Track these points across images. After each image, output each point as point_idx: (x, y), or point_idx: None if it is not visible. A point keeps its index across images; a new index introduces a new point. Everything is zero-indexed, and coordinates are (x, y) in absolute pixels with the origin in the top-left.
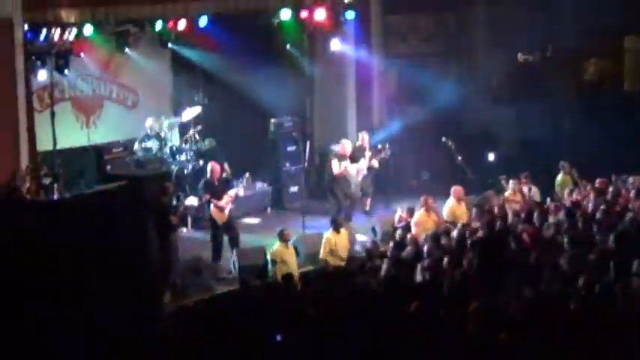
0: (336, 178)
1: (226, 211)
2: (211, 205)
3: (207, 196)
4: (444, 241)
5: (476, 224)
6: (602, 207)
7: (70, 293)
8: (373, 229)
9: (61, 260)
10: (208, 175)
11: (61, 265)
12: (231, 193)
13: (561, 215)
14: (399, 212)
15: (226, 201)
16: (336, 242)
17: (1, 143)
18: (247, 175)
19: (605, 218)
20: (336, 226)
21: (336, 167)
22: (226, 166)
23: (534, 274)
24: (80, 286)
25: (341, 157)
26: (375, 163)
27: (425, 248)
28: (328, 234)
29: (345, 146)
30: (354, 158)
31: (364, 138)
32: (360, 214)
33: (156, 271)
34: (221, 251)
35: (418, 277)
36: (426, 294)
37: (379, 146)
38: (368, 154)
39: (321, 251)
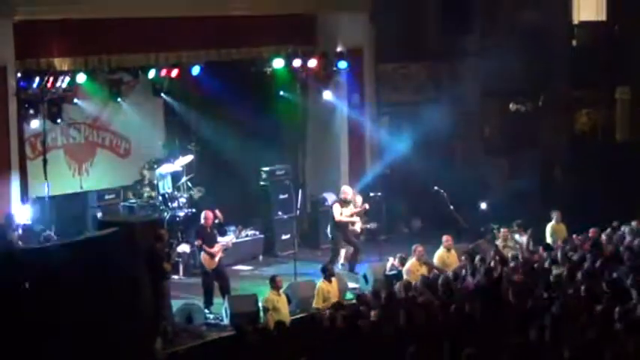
0: (338, 224)
1: (216, 259)
2: (202, 252)
3: (199, 242)
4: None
5: (462, 272)
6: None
7: (60, 338)
8: (364, 277)
9: (52, 306)
10: (202, 221)
11: (51, 310)
12: (223, 242)
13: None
14: (391, 260)
15: (218, 249)
16: (329, 291)
17: None
18: (239, 227)
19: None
20: (328, 275)
21: (338, 213)
22: (218, 212)
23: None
24: (70, 331)
25: (343, 203)
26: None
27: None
28: (320, 283)
29: (347, 192)
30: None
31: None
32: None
33: (147, 317)
34: (212, 297)
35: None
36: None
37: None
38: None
39: (315, 300)
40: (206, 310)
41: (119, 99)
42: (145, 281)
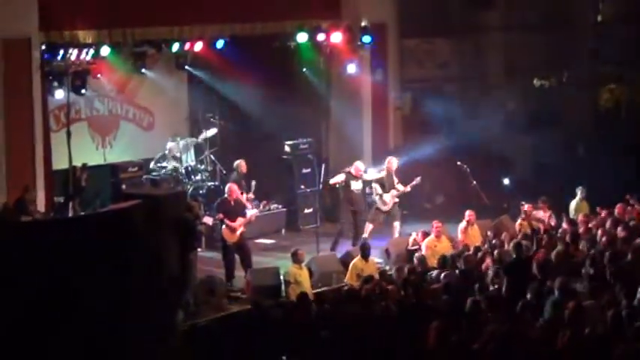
0: (346, 196)
1: (237, 232)
2: (223, 225)
3: (221, 216)
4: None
5: (487, 247)
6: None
7: (85, 310)
8: (387, 251)
9: (75, 277)
10: (226, 194)
11: (75, 281)
12: (247, 215)
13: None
14: (414, 235)
15: (240, 222)
16: (363, 269)
17: (17, 162)
18: (263, 202)
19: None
20: (364, 254)
21: (339, 179)
22: (253, 183)
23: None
24: (94, 303)
25: (352, 177)
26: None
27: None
28: (356, 260)
29: (359, 168)
30: (384, 186)
31: (392, 162)
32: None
33: (172, 289)
34: (233, 270)
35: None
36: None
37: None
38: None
39: (347, 275)
40: (227, 284)
41: (143, 72)
42: (170, 254)
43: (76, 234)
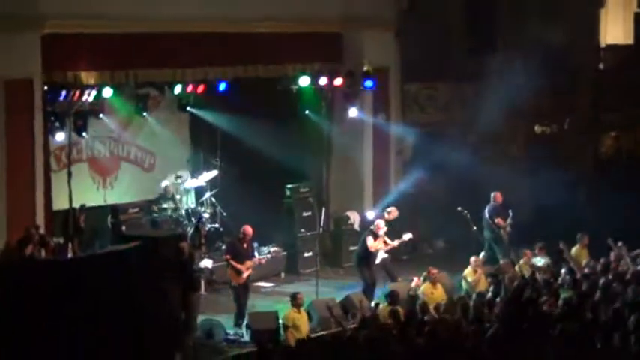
0: (368, 253)
1: (244, 275)
2: (229, 266)
3: (227, 257)
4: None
5: (488, 294)
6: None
7: (84, 350)
8: (386, 296)
9: (76, 318)
10: (240, 235)
11: (74, 322)
12: (255, 260)
13: None
14: (416, 280)
15: (247, 265)
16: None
17: (18, 201)
18: (272, 247)
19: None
20: (392, 301)
21: (372, 243)
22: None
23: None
24: (94, 342)
25: (375, 235)
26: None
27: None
28: (384, 305)
29: (380, 226)
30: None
31: (392, 214)
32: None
33: (172, 330)
34: (244, 312)
35: None
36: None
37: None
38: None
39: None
40: (236, 327)
41: (145, 113)
42: (170, 294)
43: (75, 274)
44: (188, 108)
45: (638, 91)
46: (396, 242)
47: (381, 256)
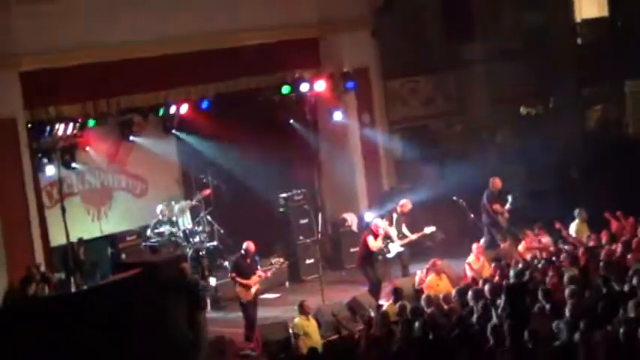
0: (372, 254)
1: (252, 290)
2: (236, 284)
3: (233, 275)
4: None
5: (496, 278)
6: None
7: None
8: (395, 291)
9: (82, 349)
10: (243, 252)
11: (82, 354)
12: (261, 273)
13: None
14: (419, 274)
15: (255, 280)
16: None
17: (15, 241)
18: (278, 259)
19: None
20: (396, 298)
21: (373, 243)
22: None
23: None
24: None
25: (375, 235)
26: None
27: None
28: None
29: (379, 225)
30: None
31: (405, 207)
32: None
33: (181, 352)
34: (255, 328)
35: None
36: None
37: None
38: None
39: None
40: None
41: (131, 139)
42: (177, 316)
43: (80, 307)
44: (173, 131)
45: (618, 62)
46: (414, 236)
47: (396, 250)
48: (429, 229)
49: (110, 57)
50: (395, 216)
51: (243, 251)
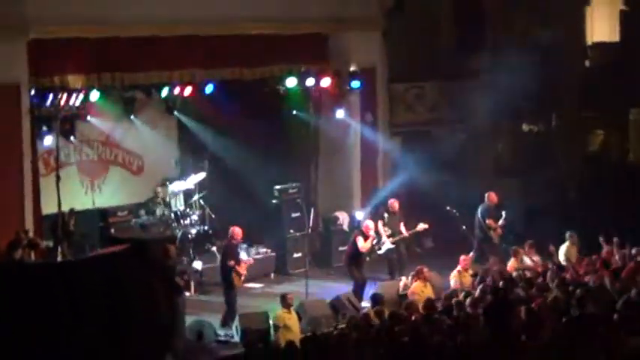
0: (359, 254)
1: (243, 277)
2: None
3: (232, 263)
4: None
5: (476, 292)
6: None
7: (74, 355)
8: (373, 296)
9: (66, 322)
10: (232, 239)
11: (65, 326)
12: (246, 260)
13: None
14: (405, 280)
15: (243, 268)
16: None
17: (6, 206)
18: (261, 249)
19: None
20: (375, 303)
21: (362, 244)
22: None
23: None
24: (83, 348)
25: (365, 236)
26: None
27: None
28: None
29: (369, 227)
30: (390, 226)
31: (395, 205)
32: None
33: (160, 334)
34: (235, 315)
35: None
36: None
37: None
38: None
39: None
40: (224, 327)
41: (132, 116)
42: (159, 297)
43: (64, 278)
44: (175, 113)
45: (625, 89)
46: (406, 233)
47: (386, 247)
48: (421, 226)
49: (120, 32)
50: (386, 215)
51: (234, 238)
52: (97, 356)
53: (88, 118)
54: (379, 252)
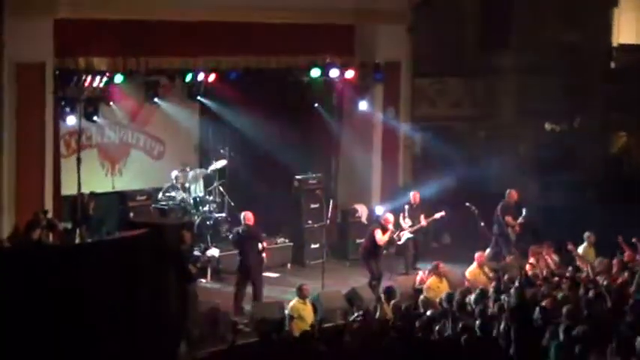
0: (378, 247)
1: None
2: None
3: (265, 244)
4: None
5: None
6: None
7: (89, 340)
8: (387, 290)
9: (81, 305)
10: (249, 222)
11: (80, 310)
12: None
13: None
14: (421, 274)
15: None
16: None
17: (27, 186)
18: (282, 239)
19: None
20: (388, 297)
21: (380, 237)
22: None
23: None
24: (98, 333)
25: (384, 229)
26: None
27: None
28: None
29: (389, 220)
30: (411, 218)
31: (416, 197)
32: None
33: (172, 320)
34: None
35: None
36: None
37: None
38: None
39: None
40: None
41: (155, 101)
42: (171, 284)
43: (81, 261)
44: (198, 97)
45: None
46: (424, 222)
47: (406, 237)
48: (438, 215)
49: (147, 16)
50: (407, 207)
51: (250, 222)
52: (106, 341)
53: (111, 101)
54: (399, 242)
